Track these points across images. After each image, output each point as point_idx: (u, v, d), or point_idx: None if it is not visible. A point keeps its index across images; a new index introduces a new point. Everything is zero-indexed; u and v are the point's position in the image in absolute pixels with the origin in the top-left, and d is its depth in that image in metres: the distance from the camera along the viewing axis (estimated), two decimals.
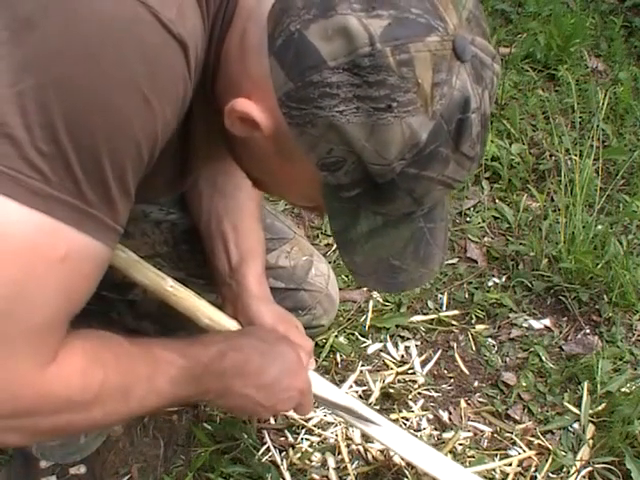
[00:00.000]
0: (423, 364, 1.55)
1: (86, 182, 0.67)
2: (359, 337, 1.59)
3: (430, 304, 1.68)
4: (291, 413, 1.26)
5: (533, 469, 1.35)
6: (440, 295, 1.70)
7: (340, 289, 1.46)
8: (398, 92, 0.67)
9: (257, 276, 1.12)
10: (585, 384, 1.49)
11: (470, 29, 0.70)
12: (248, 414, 1.04)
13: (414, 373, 1.53)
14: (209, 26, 0.75)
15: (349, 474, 1.31)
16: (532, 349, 1.59)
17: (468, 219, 1.92)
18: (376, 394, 1.46)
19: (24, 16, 0.66)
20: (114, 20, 0.66)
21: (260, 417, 1.06)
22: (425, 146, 0.69)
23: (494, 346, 1.61)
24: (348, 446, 1.36)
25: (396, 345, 1.58)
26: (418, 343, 1.59)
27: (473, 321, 1.65)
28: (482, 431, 1.43)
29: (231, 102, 0.74)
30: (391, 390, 1.47)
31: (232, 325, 1.08)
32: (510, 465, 1.36)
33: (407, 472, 1.30)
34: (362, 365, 1.53)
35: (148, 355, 0.85)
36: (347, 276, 1.70)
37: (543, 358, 1.57)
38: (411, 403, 1.46)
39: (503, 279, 1.76)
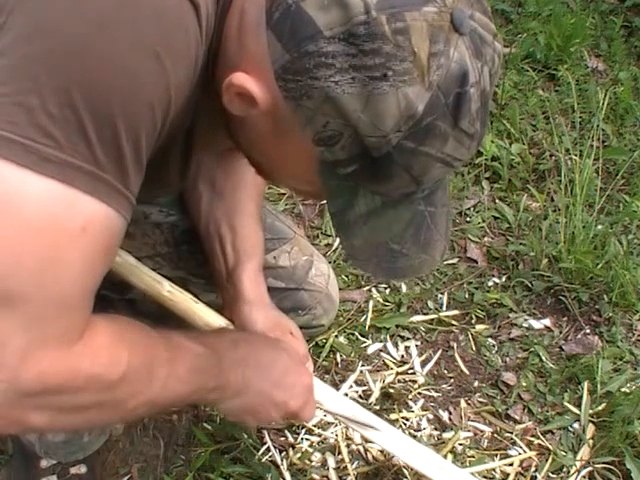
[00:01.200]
0: (423, 364, 1.55)
1: (100, 145, 0.67)
2: (359, 337, 1.59)
3: (430, 304, 1.68)
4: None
5: (533, 469, 1.36)
6: (440, 295, 1.70)
7: (340, 289, 1.46)
8: (394, 61, 0.66)
9: (252, 278, 1.11)
10: (585, 384, 1.49)
11: (470, 4, 0.69)
12: (260, 416, 1.02)
13: (414, 373, 1.53)
14: (215, 1, 0.74)
15: (349, 474, 1.31)
16: (532, 349, 1.59)
17: (468, 219, 1.92)
18: (376, 394, 1.46)
19: None
20: None
21: (271, 419, 1.04)
22: (422, 118, 0.68)
23: (494, 346, 1.61)
24: (348, 446, 1.36)
25: (396, 345, 1.58)
26: (418, 343, 1.59)
27: (473, 321, 1.65)
28: (482, 431, 1.43)
29: (229, 76, 0.73)
30: (391, 390, 1.47)
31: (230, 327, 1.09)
32: (510, 465, 1.36)
33: (407, 472, 1.30)
34: (362, 365, 1.53)
35: (168, 340, 0.86)
36: (347, 276, 1.70)
37: (543, 358, 1.57)
38: (411, 403, 1.46)
39: (503, 279, 1.76)
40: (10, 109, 0.64)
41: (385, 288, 1.70)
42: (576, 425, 1.44)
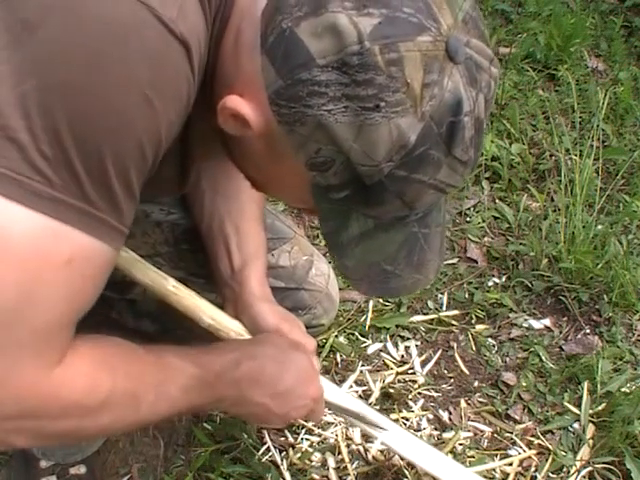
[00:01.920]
0: (423, 364, 1.55)
1: (90, 184, 0.67)
2: (359, 337, 1.59)
3: (430, 304, 1.68)
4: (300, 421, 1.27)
5: (533, 469, 1.36)
6: (440, 295, 1.70)
7: (340, 289, 1.45)
8: (386, 92, 0.66)
9: (259, 278, 1.12)
10: (585, 384, 1.49)
11: (466, 30, 0.69)
12: (261, 422, 1.03)
13: (414, 373, 1.53)
14: (210, 26, 0.75)
15: (349, 474, 1.31)
16: (532, 349, 1.59)
17: (468, 219, 1.92)
18: (376, 394, 1.46)
19: (25, 18, 0.66)
20: (115, 21, 0.66)
21: (273, 425, 1.05)
22: (414, 148, 0.68)
23: (494, 346, 1.61)
24: (348, 446, 1.35)
25: (396, 345, 1.58)
26: (418, 343, 1.59)
27: (473, 321, 1.65)
28: (482, 431, 1.43)
29: (223, 99, 0.73)
30: (391, 390, 1.47)
31: (234, 325, 1.08)
32: (510, 465, 1.36)
33: (407, 472, 1.30)
34: (362, 365, 1.53)
35: (159, 362, 0.85)
36: None
37: (543, 358, 1.57)
38: (411, 403, 1.46)
39: (503, 279, 1.76)
40: (3, 144, 0.64)
41: None
42: (576, 425, 1.44)
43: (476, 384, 1.52)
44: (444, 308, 1.68)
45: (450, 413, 1.46)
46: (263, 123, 0.72)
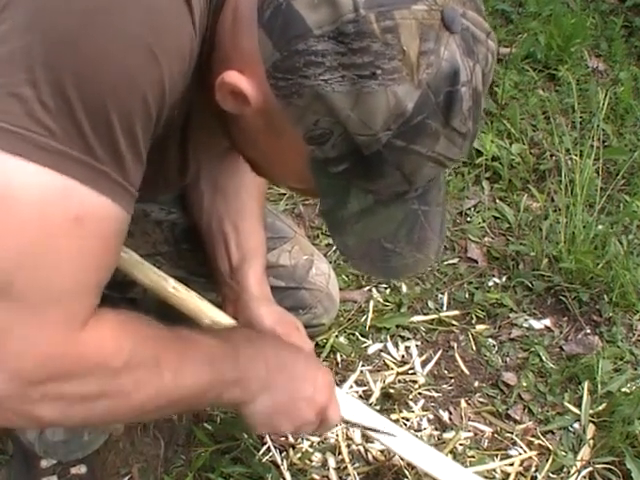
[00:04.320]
0: (423, 364, 1.55)
1: (94, 137, 0.67)
2: (359, 337, 1.58)
3: (430, 304, 1.68)
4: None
5: (533, 469, 1.35)
6: (440, 295, 1.70)
7: (340, 289, 1.45)
8: (382, 59, 0.66)
9: (258, 276, 1.11)
10: (585, 384, 1.49)
11: (462, 2, 0.69)
12: (294, 415, 0.99)
13: (414, 373, 1.52)
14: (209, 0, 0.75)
15: (349, 474, 1.31)
16: (532, 349, 1.59)
17: (468, 219, 1.92)
18: (376, 394, 1.46)
19: None
20: None
21: (305, 417, 1.00)
22: (411, 117, 0.68)
23: (494, 346, 1.61)
24: (348, 446, 1.35)
25: (396, 345, 1.58)
26: (418, 343, 1.59)
27: (473, 321, 1.65)
28: (482, 431, 1.43)
29: (221, 75, 0.73)
30: (391, 390, 1.47)
31: (233, 323, 1.08)
32: (511, 465, 1.36)
33: (407, 472, 1.30)
34: (362, 365, 1.53)
35: (180, 335, 0.85)
36: (347, 276, 1.70)
37: (543, 358, 1.57)
38: (411, 403, 1.46)
39: (503, 279, 1.76)
40: (5, 99, 0.64)
41: (385, 288, 1.70)
42: (576, 425, 1.44)
43: (476, 384, 1.52)
44: (444, 308, 1.68)
45: (450, 413, 1.46)
46: (261, 98, 0.72)
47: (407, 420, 1.43)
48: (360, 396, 1.46)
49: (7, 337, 0.68)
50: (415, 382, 1.51)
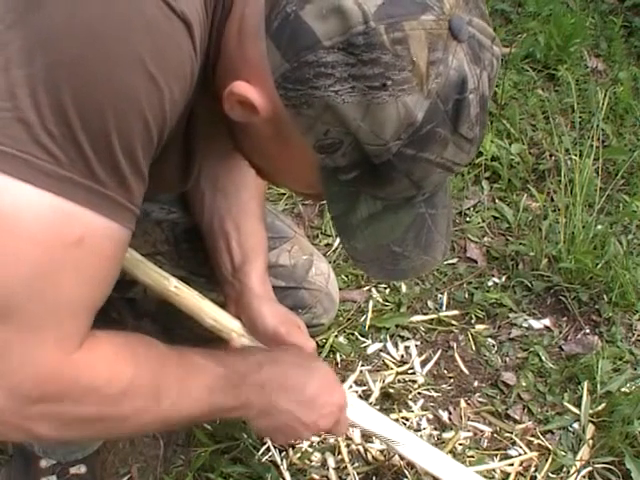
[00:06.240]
0: (423, 364, 1.55)
1: (97, 162, 0.68)
2: (359, 337, 1.58)
3: (430, 304, 1.68)
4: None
5: (533, 469, 1.35)
6: (440, 295, 1.70)
7: (340, 289, 1.45)
8: (393, 70, 0.66)
9: (260, 275, 1.12)
10: (585, 384, 1.49)
11: (468, 10, 0.69)
12: (290, 434, 1.02)
13: (414, 373, 1.53)
14: (211, 13, 0.75)
15: (349, 474, 1.31)
16: (532, 349, 1.59)
17: (468, 219, 1.92)
18: (376, 394, 1.46)
19: None
20: (118, 0, 0.66)
21: (302, 437, 1.05)
22: (421, 126, 0.69)
23: (494, 346, 1.61)
24: (348, 446, 1.35)
25: (396, 345, 1.58)
26: (418, 343, 1.59)
27: (473, 321, 1.65)
28: (482, 431, 1.43)
29: (230, 85, 0.74)
30: (391, 390, 1.47)
31: (236, 326, 1.08)
32: (511, 465, 1.36)
33: (407, 472, 1.30)
34: (362, 365, 1.53)
35: (183, 359, 0.85)
36: (347, 276, 1.70)
37: (543, 358, 1.57)
38: (411, 403, 1.46)
39: (503, 279, 1.76)
40: (12, 125, 0.65)
41: (385, 288, 1.70)
42: (576, 425, 1.44)
43: (476, 384, 1.52)
44: (444, 308, 1.68)
45: (450, 413, 1.46)
46: (270, 108, 0.73)
47: (406, 420, 1.43)
48: (360, 396, 1.46)
49: (7, 355, 0.68)
50: (414, 382, 1.51)
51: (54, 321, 0.70)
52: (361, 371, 1.51)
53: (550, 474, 1.35)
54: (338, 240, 1.73)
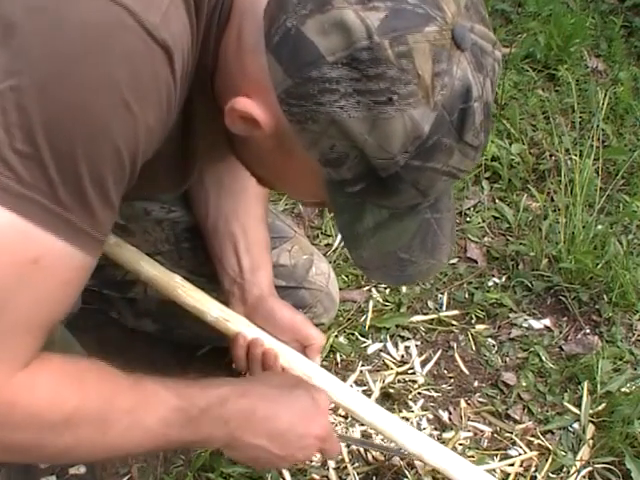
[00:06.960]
0: (423, 364, 1.55)
1: (62, 185, 0.66)
2: (359, 337, 1.58)
3: (430, 304, 1.68)
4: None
5: (533, 469, 1.35)
6: (440, 295, 1.70)
7: (340, 289, 1.46)
8: (398, 84, 0.66)
9: (269, 277, 1.13)
10: (585, 384, 1.49)
11: (469, 16, 0.69)
12: (267, 465, 1.01)
13: (414, 373, 1.52)
14: (203, 28, 0.74)
15: (349, 474, 1.31)
16: (532, 349, 1.59)
17: (468, 219, 1.92)
18: (376, 394, 1.46)
19: (7, 19, 0.66)
20: (97, 25, 0.66)
21: (279, 467, 1.02)
22: (428, 138, 0.69)
23: (494, 346, 1.61)
24: (348, 446, 1.35)
25: (396, 345, 1.58)
26: (418, 343, 1.59)
27: (473, 321, 1.65)
28: (482, 431, 1.43)
29: (231, 101, 0.73)
30: (391, 390, 1.47)
31: (242, 319, 1.09)
32: (511, 465, 1.35)
33: (407, 472, 1.30)
34: (362, 365, 1.52)
35: (137, 388, 0.81)
36: (347, 276, 1.70)
37: (543, 358, 1.57)
38: (411, 403, 1.46)
39: (503, 279, 1.76)
40: None
41: (385, 288, 1.70)
42: (576, 425, 1.43)
43: (476, 384, 1.52)
44: (444, 308, 1.67)
45: (450, 413, 1.46)
46: (273, 123, 0.72)
47: (407, 420, 1.43)
48: None
49: None
50: (415, 382, 1.50)
51: (1, 340, 0.68)
52: (361, 371, 1.51)
53: (550, 474, 1.35)
54: (338, 240, 1.73)
